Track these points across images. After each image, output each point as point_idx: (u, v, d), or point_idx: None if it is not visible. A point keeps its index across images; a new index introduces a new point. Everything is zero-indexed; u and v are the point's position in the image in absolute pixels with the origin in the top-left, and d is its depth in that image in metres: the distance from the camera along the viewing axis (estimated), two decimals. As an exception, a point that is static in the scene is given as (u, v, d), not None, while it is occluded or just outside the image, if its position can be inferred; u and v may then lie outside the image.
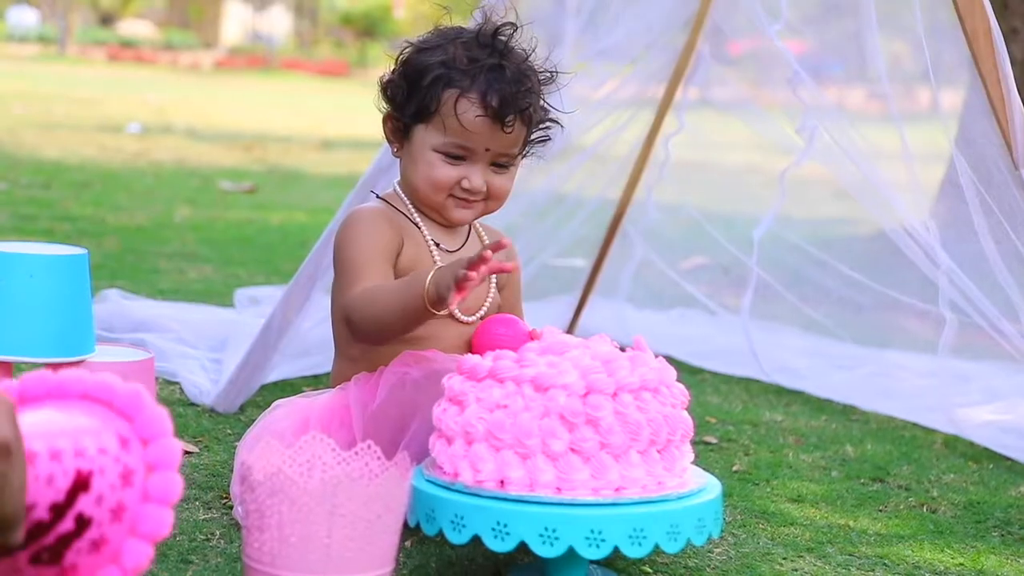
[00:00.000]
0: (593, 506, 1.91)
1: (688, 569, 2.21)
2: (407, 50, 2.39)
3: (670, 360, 2.13)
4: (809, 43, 4.94)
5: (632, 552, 1.91)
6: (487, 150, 2.34)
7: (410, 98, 2.35)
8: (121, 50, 36.15)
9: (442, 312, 2.18)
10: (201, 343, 3.45)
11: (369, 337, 2.29)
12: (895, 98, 3.51)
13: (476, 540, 1.95)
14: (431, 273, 2.14)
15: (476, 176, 2.35)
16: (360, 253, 2.31)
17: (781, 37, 3.23)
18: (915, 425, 3.34)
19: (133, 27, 44.69)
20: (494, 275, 2.46)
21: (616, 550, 1.91)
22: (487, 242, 2.49)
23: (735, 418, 3.31)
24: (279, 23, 46.69)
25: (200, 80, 25.90)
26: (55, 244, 2.61)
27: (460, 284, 2.06)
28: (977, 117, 2.94)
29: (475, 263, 2.05)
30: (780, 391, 3.66)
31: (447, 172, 2.34)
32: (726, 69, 3.92)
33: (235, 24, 48.75)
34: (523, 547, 1.92)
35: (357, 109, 3.34)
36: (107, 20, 45.78)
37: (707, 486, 2.06)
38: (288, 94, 22.91)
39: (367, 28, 41.83)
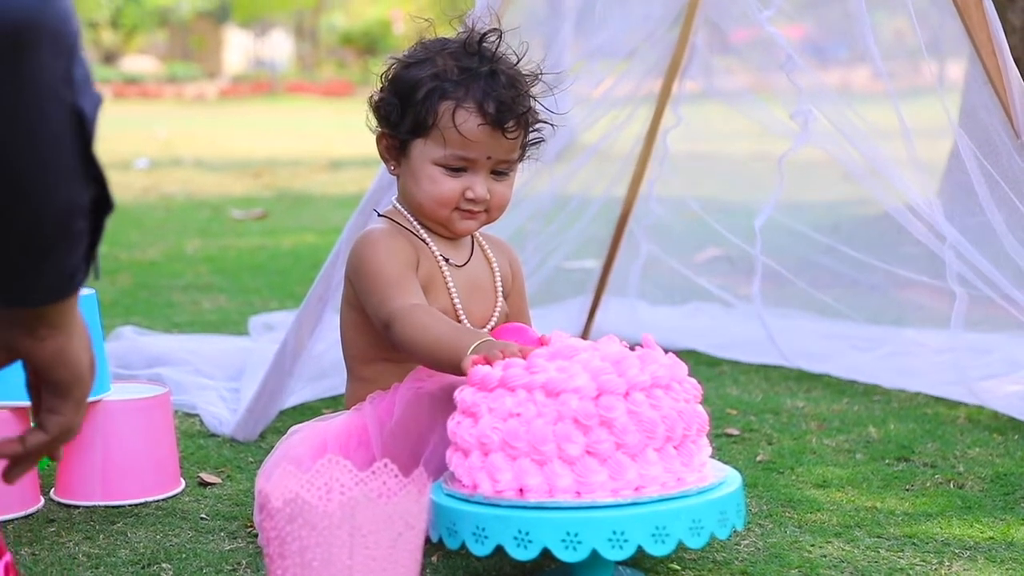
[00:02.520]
0: (613, 507, 1.91)
1: (716, 563, 2.20)
2: (394, 66, 2.38)
3: (688, 354, 2.12)
4: (809, 26, 4.92)
5: (656, 550, 1.90)
6: (488, 158, 2.33)
7: (404, 114, 2.35)
8: (126, 87, 36.28)
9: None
10: (218, 373, 3.46)
11: (399, 349, 2.28)
12: (902, 74, 3.48)
13: (500, 550, 1.94)
14: (476, 343, 2.10)
15: (479, 185, 2.34)
16: (392, 267, 2.30)
17: (777, 23, 3.21)
18: (937, 401, 3.32)
19: (136, 63, 44.86)
20: (500, 285, 2.46)
21: (640, 549, 1.91)
22: (490, 254, 2.49)
23: (756, 408, 3.30)
24: (281, 48, 46.82)
25: (206, 110, 25.97)
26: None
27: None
28: (977, 88, 2.93)
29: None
30: (800, 377, 3.64)
31: (450, 185, 2.34)
32: (724, 59, 3.91)
33: (237, 52, 48.89)
34: (548, 553, 1.91)
35: (363, 127, 3.38)
36: (110, 58, 45.97)
37: (727, 479, 2.05)
38: (294, 117, 22.96)
39: (368, 46, 41.90)
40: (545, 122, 2.41)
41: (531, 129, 2.39)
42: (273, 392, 3.03)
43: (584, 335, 3.93)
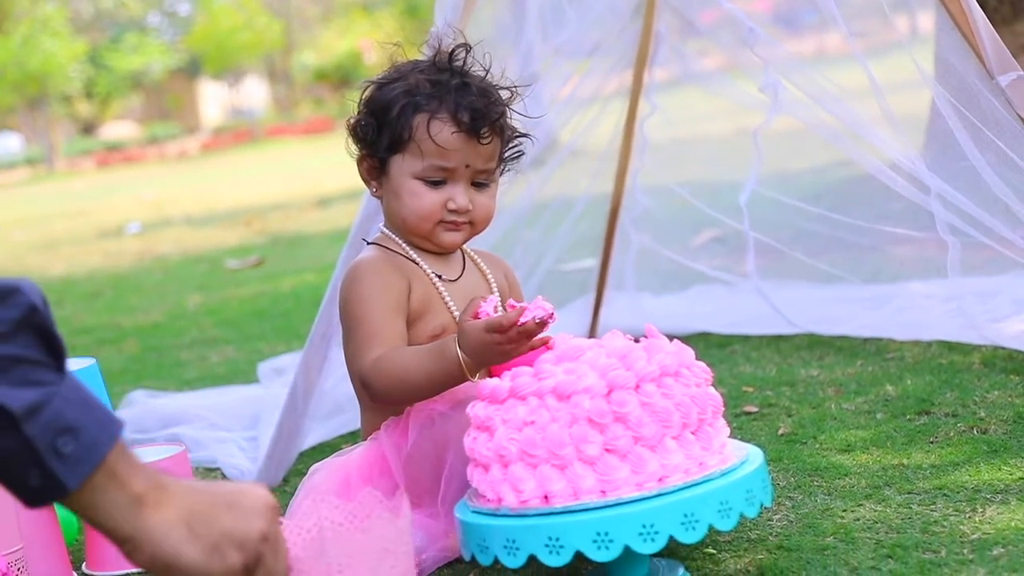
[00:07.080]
0: (639, 501, 1.90)
1: (751, 541, 2.19)
2: (368, 89, 2.40)
3: (697, 337, 2.12)
4: (777, -3, 4.92)
5: (687, 538, 1.90)
6: (467, 167, 2.34)
7: (381, 132, 2.36)
8: (109, 154, 36.37)
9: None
10: (234, 424, 3.46)
11: (392, 402, 2.29)
12: (875, 32, 3.47)
13: (534, 560, 1.94)
14: (457, 342, 2.16)
15: (460, 195, 2.35)
16: (370, 312, 2.30)
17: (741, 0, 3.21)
18: (951, 351, 3.31)
19: (115, 129, 44.97)
20: (498, 296, 2.47)
21: (672, 539, 1.90)
22: (483, 266, 2.49)
23: (771, 382, 3.29)
24: (256, 94, 46.92)
25: (190, 166, 26.02)
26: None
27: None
28: (947, 35, 2.92)
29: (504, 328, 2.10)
30: (811, 345, 3.63)
31: (431, 197, 2.34)
32: (695, 43, 3.91)
33: (214, 105, 49.01)
34: (582, 556, 1.91)
35: (347, 160, 3.39)
36: (89, 128, 46.07)
37: (749, 457, 2.04)
38: (278, 161, 23.00)
39: (342, 79, 41.99)
40: (523, 135, 2.42)
41: (509, 141, 2.40)
42: (290, 435, 3.02)
43: (591, 334, 3.93)
